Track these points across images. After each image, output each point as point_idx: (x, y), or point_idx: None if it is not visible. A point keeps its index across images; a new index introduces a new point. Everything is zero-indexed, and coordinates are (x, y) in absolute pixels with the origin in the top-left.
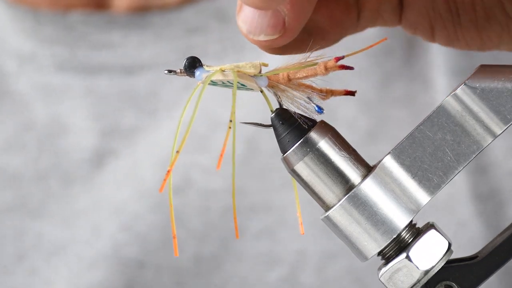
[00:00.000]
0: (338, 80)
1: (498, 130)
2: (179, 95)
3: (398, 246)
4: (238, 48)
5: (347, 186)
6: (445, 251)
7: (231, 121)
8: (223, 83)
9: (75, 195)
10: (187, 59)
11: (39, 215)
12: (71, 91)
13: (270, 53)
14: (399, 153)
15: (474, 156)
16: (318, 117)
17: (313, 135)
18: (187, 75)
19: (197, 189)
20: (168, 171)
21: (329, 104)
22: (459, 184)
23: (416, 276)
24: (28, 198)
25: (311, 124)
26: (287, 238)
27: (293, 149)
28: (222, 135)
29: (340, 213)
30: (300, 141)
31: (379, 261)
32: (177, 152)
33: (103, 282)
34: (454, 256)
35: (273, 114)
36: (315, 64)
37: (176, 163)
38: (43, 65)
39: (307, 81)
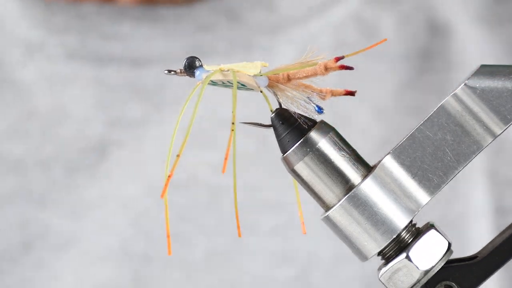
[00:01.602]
0: (354, 85)
1: (498, 130)
2: (186, 90)
3: (398, 246)
4: (247, 47)
5: (347, 186)
6: (445, 251)
7: (233, 123)
8: (223, 83)
9: (80, 185)
10: (187, 59)
11: (43, 204)
12: (78, 80)
13: None
14: (399, 153)
15: (474, 156)
16: (318, 117)
17: (313, 135)
18: (187, 75)
19: (206, 186)
20: (169, 176)
21: (343, 109)
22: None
23: (416, 276)
24: (31, 185)
25: (311, 124)
26: (299, 237)
27: (293, 149)
28: (229, 133)
29: (340, 213)
30: (300, 141)
31: (379, 261)
32: (177, 156)
33: (111, 278)
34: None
35: (273, 114)
36: (315, 64)
37: (182, 160)
38: (52, 54)
39: (307, 81)
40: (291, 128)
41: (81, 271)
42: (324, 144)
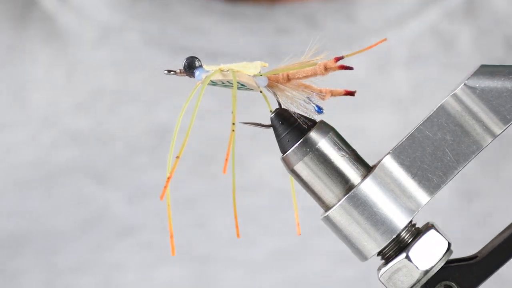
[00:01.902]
0: (429, 94)
1: (497, 130)
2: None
3: (398, 246)
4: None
5: (347, 186)
6: (445, 251)
7: (233, 123)
8: (222, 83)
9: (139, 167)
10: (187, 59)
11: (102, 180)
12: (151, 66)
13: None
14: (398, 153)
15: (473, 156)
16: (318, 117)
17: (313, 135)
18: (186, 75)
19: (272, 188)
20: (168, 178)
21: (416, 117)
22: None
23: (416, 276)
24: (91, 159)
25: (311, 124)
26: None
27: (293, 149)
28: None
29: (340, 213)
30: (299, 141)
31: (379, 261)
32: (177, 157)
33: (174, 275)
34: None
35: (273, 114)
36: (315, 64)
37: (247, 163)
38: (129, 39)
39: (306, 81)
40: (291, 128)
41: (143, 264)
42: (324, 144)
